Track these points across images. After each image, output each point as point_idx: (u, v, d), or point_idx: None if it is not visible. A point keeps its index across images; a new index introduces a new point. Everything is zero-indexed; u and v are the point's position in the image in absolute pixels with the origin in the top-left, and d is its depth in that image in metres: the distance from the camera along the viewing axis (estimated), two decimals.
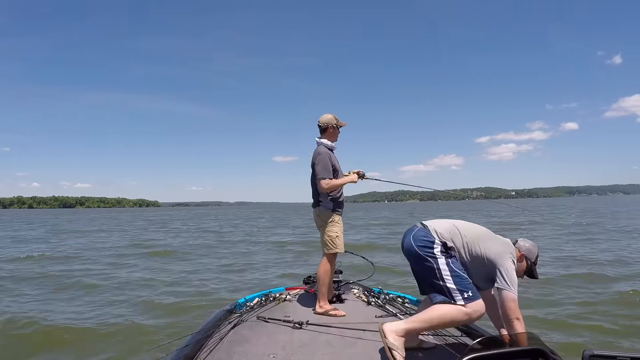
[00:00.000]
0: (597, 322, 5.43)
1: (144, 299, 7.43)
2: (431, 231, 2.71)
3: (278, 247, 15.85)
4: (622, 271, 8.76)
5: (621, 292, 6.85)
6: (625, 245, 12.93)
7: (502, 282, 2.55)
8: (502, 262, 2.58)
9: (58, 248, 16.65)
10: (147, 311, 6.61)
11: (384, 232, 21.73)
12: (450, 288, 2.53)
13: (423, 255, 2.64)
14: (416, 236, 2.72)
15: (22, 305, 7.05)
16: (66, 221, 46.99)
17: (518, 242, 2.83)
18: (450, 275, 2.55)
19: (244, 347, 2.85)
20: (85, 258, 13.33)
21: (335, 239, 3.88)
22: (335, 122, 4.01)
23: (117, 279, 9.43)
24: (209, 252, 14.37)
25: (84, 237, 22.98)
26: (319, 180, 3.81)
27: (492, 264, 2.61)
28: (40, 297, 7.68)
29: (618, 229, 18.73)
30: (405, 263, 2.96)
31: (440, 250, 2.62)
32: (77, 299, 7.56)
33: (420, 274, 2.73)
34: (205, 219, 49.50)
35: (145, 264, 12.05)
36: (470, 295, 2.52)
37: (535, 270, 2.83)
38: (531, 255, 2.78)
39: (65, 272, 10.30)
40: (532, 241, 2.86)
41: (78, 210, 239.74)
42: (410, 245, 2.71)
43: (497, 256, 2.61)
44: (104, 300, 7.36)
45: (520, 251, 2.77)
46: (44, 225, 37.59)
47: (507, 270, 2.56)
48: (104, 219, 51.76)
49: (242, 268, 10.90)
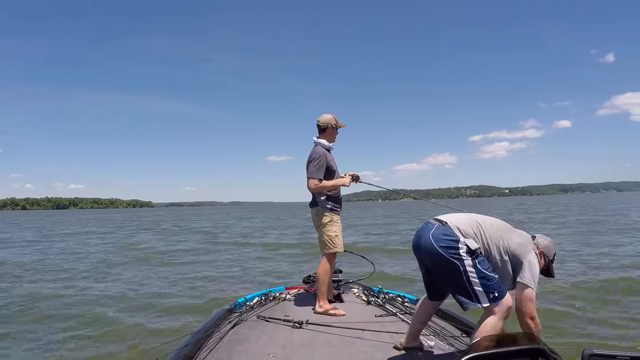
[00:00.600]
0: (597, 322, 5.45)
1: (143, 299, 7.39)
2: (452, 228, 2.46)
3: (276, 247, 15.80)
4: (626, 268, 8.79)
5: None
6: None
7: (525, 275, 2.40)
8: (525, 255, 2.43)
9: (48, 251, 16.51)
10: (147, 311, 6.58)
11: (382, 232, 21.74)
12: (477, 291, 2.36)
13: (447, 256, 2.38)
14: (436, 235, 2.44)
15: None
16: (55, 222, 46.62)
17: (536, 239, 2.65)
18: (477, 278, 2.35)
19: (243, 347, 2.85)
20: (78, 259, 13.26)
21: (335, 238, 3.88)
22: (334, 123, 4.01)
23: (107, 282, 9.37)
24: (200, 254, 14.30)
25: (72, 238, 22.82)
26: (308, 179, 3.82)
27: (516, 257, 2.45)
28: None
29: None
30: (405, 263, 2.94)
31: (467, 251, 2.38)
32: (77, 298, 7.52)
33: (440, 275, 2.55)
34: (196, 219, 49.26)
35: (143, 263, 11.98)
36: (496, 295, 2.37)
37: (553, 268, 2.68)
38: (549, 253, 2.63)
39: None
40: (550, 238, 2.70)
41: (70, 211, 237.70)
42: (430, 246, 2.43)
43: (521, 249, 2.46)
44: (103, 301, 7.31)
45: (539, 248, 2.60)
46: (31, 227, 37.08)
47: (530, 263, 2.42)
48: (94, 220, 51.26)
49: (238, 269, 10.86)
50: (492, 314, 2.37)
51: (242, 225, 32.99)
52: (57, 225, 40.02)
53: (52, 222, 46.74)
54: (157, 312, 6.54)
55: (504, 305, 2.37)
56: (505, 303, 2.38)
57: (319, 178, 3.80)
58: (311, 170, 3.81)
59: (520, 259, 2.43)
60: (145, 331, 5.53)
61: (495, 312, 2.36)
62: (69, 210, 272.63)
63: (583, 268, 9.07)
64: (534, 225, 21.65)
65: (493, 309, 2.37)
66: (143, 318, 6.18)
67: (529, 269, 2.40)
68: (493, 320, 2.35)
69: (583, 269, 9.00)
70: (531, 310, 2.38)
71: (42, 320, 6.18)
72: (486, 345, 1.99)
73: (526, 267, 2.40)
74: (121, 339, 5.19)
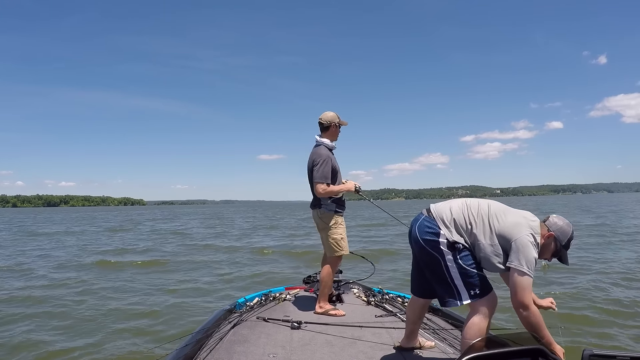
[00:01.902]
0: (597, 321, 5.49)
1: (143, 299, 7.39)
2: (437, 220, 2.38)
3: (275, 247, 15.71)
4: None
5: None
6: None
7: (512, 259, 2.19)
8: (516, 236, 2.21)
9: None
10: (147, 311, 6.57)
11: (380, 232, 21.76)
12: (457, 286, 2.27)
13: (429, 249, 2.35)
14: (421, 226, 2.40)
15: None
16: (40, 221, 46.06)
17: (550, 219, 2.37)
18: (458, 272, 2.27)
19: (243, 347, 2.85)
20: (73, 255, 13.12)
21: (341, 241, 3.79)
22: (337, 121, 3.89)
23: (107, 282, 9.31)
24: (198, 254, 14.23)
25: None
26: (316, 184, 3.69)
27: (505, 239, 2.24)
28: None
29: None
30: (404, 263, 2.96)
31: (447, 245, 2.30)
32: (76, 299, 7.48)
33: (425, 266, 2.46)
34: (184, 218, 48.98)
35: (139, 262, 11.94)
36: (478, 292, 2.26)
37: (566, 255, 2.37)
38: (563, 236, 2.31)
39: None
40: (567, 220, 2.37)
41: (61, 209, 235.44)
42: (416, 237, 2.41)
43: (511, 229, 2.24)
44: (101, 301, 7.29)
45: (550, 229, 2.31)
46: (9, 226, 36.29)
47: (521, 244, 2.18)
48: (83, 219, 50.62)
49: (235, 270, 10.82)
50: (475, 312, 2.27)
51: (238, 225, 32.89)
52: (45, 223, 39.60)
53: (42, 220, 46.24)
54: (157, 312, 6.53)
55: (486, 302, 2.26)
56: (488, 300, 2.27)
57: (328, 182, 3.69)
58: (319, 175, 3.66)
59: (509, 241, 2.22)
60: (146, 331, 5.52)
61: (477, 309, 2.27)
62: (61, 208, 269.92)
63: (583, 268, 9.12)
64: None
65: (475, 306, 2.28)
66: (143, 318, 6.18)
67: (517, 251, 2.18)
68: (477, 319, 2.25)
69: (583, 268, 9.06)
70: (522, 299, 2.16)
71: (41, 320, 6.13)
72: (486, 345, 2.01)
73: (514, 250, 2.19)
74: (121, 340, 5.18)
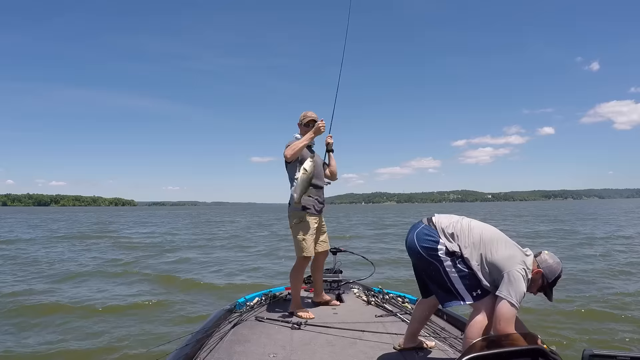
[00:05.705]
0: (597, 321, 5.55)
1: (143, 300, 7.35)
2: (437, 229, 2.46)
3: (275, 247, 15.74)
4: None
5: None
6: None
7: (502, 290, 2.25)
8: (509, 268, 2.27)
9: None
10: (147, 312, 6.56)
11: (379, 232, 21.79)
12: (459, 289, 2.34)
13: (427, 256, 2.41)
14: (420, 234, 2.48)
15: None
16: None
17: (541, 255, 2.40)
18: (458, 277, 2.34)
19: (244, 347, 2.84)
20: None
21: (302, 242, 3.66)
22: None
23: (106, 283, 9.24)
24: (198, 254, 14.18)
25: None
26: (284, 154, 3.70)
27: (497, 269, 2.31)
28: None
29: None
30: (405, 263, 2.98)
31: (445, 252, 2.38)
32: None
33: (423, 272, 2.53)
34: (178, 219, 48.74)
35: (138, 262, 11.86)
36: (480, 293, 2.33)
37: (551, 292, 2.40)
38: (551, 274, 2.33)
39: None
40: (558, 258, 2.40)
41: (50, 208, 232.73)
42: (413, 244, 2.48)
43: (504, 261, 2.30)
44: (103, 301, 7.24)
45: (540, 266, 2.35)
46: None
47: (512, 277, 2.24)
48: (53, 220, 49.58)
49: (235, 270, 10.81)
50: (478, 312, 2.33)
51: (234, 225, 32.78)
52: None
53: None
54: (157, 312, 6.52)
55: (489, 302, 2.32)
56: (490, 299, 2.32)
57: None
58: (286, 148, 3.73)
59: (501, 272, 2.28)
60: (145, 331, 5.51)
61: (480, 309, 2.32)
62: (51, 207, 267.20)
63: (582, 268, 9.21)
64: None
65: (478, 306, 2.34)
66: (143, 319, 6.16)
67: (509, 283, 2.24)
68: (480, 318, 2.30)
69: (582, 268, 9.14)
70: (505, 330, 2.19)
71: (39, 321, 6.07)
72: (486, 345, 2.01)
73: (505, 282, 2.25)
74: (121, 340, 5.16)
